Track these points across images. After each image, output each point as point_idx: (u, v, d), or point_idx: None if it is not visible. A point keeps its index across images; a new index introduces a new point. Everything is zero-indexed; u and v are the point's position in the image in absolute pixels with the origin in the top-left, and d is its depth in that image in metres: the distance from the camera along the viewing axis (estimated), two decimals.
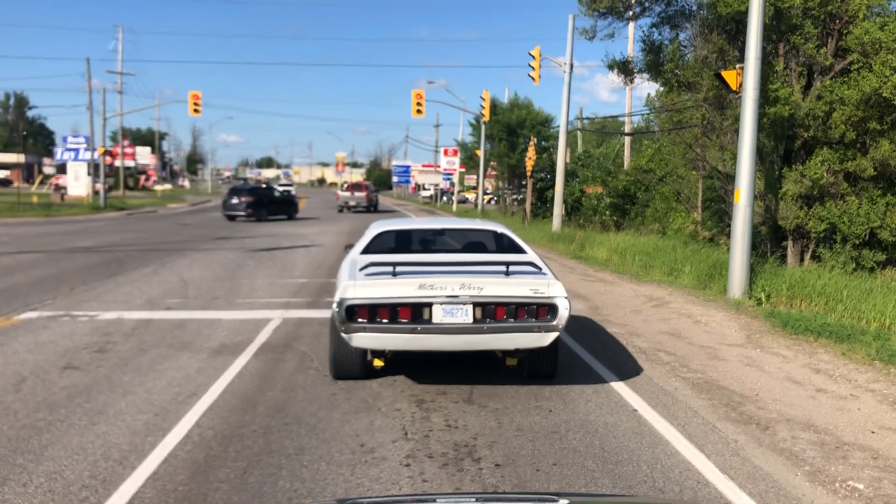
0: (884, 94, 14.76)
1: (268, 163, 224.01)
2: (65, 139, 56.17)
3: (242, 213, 35.19)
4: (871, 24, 15.23)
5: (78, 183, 55.70)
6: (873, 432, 6.38)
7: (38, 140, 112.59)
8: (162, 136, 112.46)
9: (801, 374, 8.22)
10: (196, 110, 39.96)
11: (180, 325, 10.23)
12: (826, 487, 5.23)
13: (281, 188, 61.24)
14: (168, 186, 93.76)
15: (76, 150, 52.88)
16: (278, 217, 37.54)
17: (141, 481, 5.05)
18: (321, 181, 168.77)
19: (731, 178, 16.41)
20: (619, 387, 7.57)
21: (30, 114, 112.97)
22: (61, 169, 66.14)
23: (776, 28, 16.09)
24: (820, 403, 7.18)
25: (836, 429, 6.45)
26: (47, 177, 72.46)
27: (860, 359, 8.84)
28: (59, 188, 58.48)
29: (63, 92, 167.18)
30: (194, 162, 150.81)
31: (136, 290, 13.29)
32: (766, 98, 14.82)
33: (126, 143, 77.38)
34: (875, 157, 15.84)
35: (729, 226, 15.11)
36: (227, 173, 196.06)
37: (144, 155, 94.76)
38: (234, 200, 35.51)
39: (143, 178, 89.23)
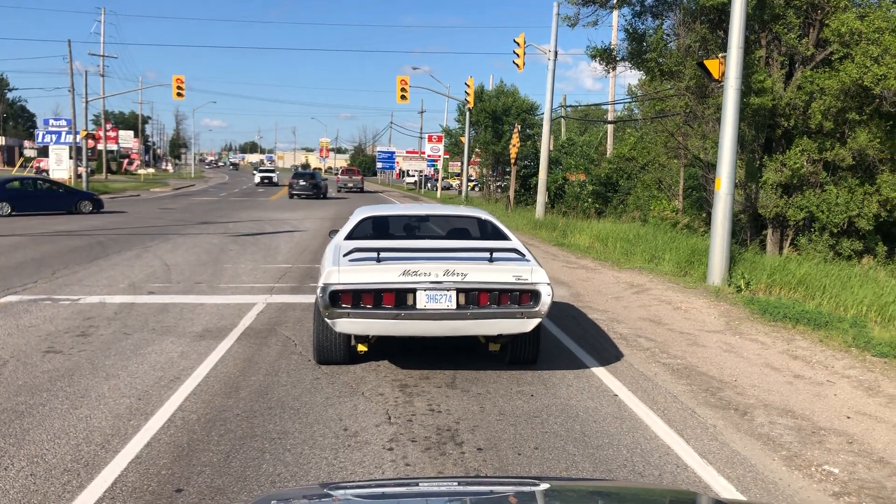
0: (865, 84, 14.87)
1: (251, 147, 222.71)
2: (46, 122, 55.42)
3: (309, 193, 46.50)
4: (849, 15, 15.32)
5: (60, 166, 54.95)
6: (849, 417, 6.50)
7: (19, 122, 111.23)
8: (145, 120, 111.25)
9: (779, 361, 8.34)
10: (179, 94, 39.74)
11: (163, 310, 10.21)
12: (802, 471, 5.33)
13: (263, 173, 65.88)
14: (151, 170, 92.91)
15: (58, 133, 52.27)
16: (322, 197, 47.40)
17: (124, 465, 5.06)
18: (305, 166, 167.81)
19: (712, 167, 16.51)
20: (600, 372, 7.65)
21: (10, 96, 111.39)
22: (43, 152, 65.34)
23: (759, 17, 16.17)
24: (797, 389, 7.29)
25: (812, 414, 6.56)
26: (28, 160, 71.51)
27: (837, 345, 8.97)
28: (40, 171, 57.79)
29: (44, 74, 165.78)
30: (178, 146, 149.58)
31: (118, 274, 13.23)
32: (748, 88, 14.91)
33: (109, 126, 76.54)
34: (853, 147, 16.02)
35: (709, 214, 15.22)
36: (210, 158, 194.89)
37: (127, 139, 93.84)
38: (302, 183, 47.05)
39: (126, 161, 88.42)
